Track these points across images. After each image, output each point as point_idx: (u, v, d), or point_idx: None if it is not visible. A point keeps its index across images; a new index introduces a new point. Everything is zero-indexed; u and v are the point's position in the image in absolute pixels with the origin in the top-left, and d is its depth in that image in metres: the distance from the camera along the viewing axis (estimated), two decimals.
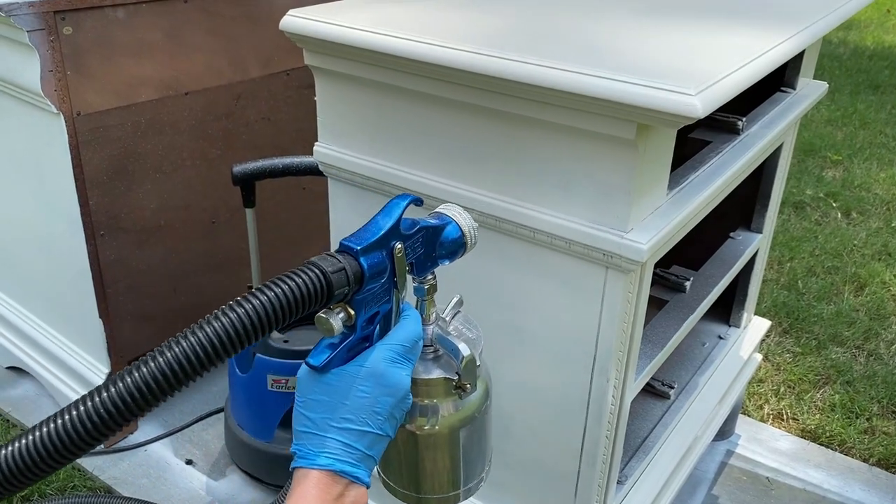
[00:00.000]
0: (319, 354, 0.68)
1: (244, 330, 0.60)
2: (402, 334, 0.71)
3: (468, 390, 0.76)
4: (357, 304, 0.67)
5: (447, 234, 0.75)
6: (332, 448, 0.67)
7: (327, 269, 0.64)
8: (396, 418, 0.70)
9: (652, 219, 1.02)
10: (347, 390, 0.67)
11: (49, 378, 1.98)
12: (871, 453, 1.92)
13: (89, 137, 1.62)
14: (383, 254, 0.68)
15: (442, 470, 0.80)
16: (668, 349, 1.33)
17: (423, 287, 0.76)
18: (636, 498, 1.38)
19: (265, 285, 0.63)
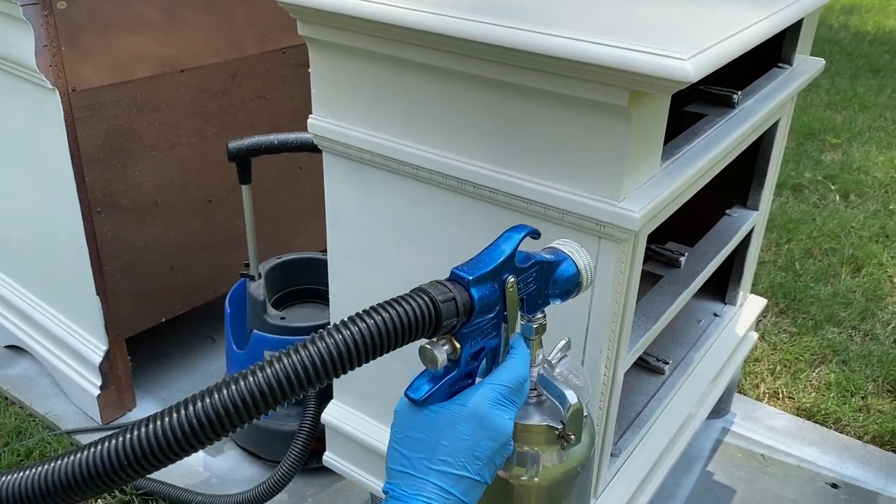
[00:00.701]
0: (420, 387, 0.65)
1: (347, 353, 0.58)
2: (509, 374, 0.67)
3: (572, 441, 0.71)
4: (463, 338, 0.64)
5: (562, 271, 0.72)
6: (428, 491, 0.63)
7: (437, 297, 0.62)
8: (496, 464, 0.66)
9: (645, 188, 1.02)
10: (447, 430, 0.64)
11: (47, 356, 1.99)
12: (865, 431, 1.93)
13: (85, 114, 1.61)
14: (495, 286, 0.65)
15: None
16: (662, 323, 1.33)
17: (531, 326, 0.72)
18: (630, 471, 1.39)
19: (373, 309, 0.61)
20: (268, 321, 1.67)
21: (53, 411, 1.92)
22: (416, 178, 1.16)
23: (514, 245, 0.67)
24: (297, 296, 1.86)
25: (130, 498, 1.68)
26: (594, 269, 0.74)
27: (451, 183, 1.12)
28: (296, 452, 1.59)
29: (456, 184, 1.11)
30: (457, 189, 1.12)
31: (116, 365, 1.87)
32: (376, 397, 1.41)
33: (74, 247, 1.74)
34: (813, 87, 4.18)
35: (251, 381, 0.56)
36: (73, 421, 1.90)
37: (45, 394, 1.99)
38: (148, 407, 1.96)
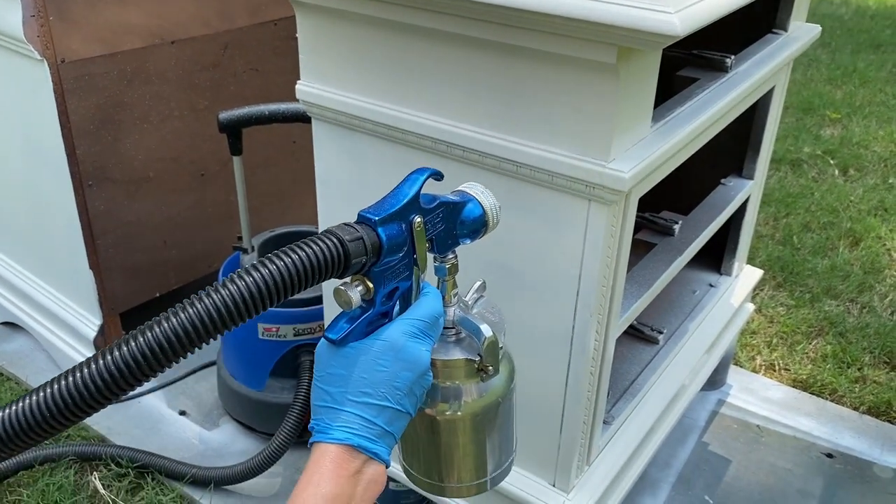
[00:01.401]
0: (337, 328, 0.67)
1: (259, 294, 0.59)
2: (422, 310, 0.70)
3: (490, 373, 0.74)
4: (376, 278, 0.66)
5: (468, 211, 0.74)
6: (350, 422, 0.65)
7: (344, 237, 0.63)
8: (416, 395, 0.68)
9: (635, 150, 1.01)
10: (366, 364, 0.66)
11: (42, 332, 1.99)
12: (861, 401, 1.93)
13: (74, 85, 1.60)
14: (402, 226, 0.67)
15: (465, 457, 0.77)
16: (655, 290, 1.33)
17: (444, 266, 0.74)
18: (623, 439, 1.39)
19: (282, 251, 0.62)
20: None
21: None
22: (405, 144, 1.15)
23: (417, 187, 0.69)
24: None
25: (126, 471, 1.68)
26: (499, 210, 0.76)
27: (440, 147, 1.11)
28: (290, 425, 1.59)
29: (445, 148, 1.10)
30: (446, 154, 1.11)
31: (111, 340, 1.87)
32: None
33: (66, 221, 1.73)
34: (813, 62, 4.15)
35: (166, 326, 0.58)
36: None
37: (41, 369, 1.99)
38: None
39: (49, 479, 1.65)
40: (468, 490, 0.79)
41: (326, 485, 0.63)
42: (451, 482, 0.78)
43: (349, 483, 0.64)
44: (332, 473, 0.64)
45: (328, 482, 0.63)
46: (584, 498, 1.27)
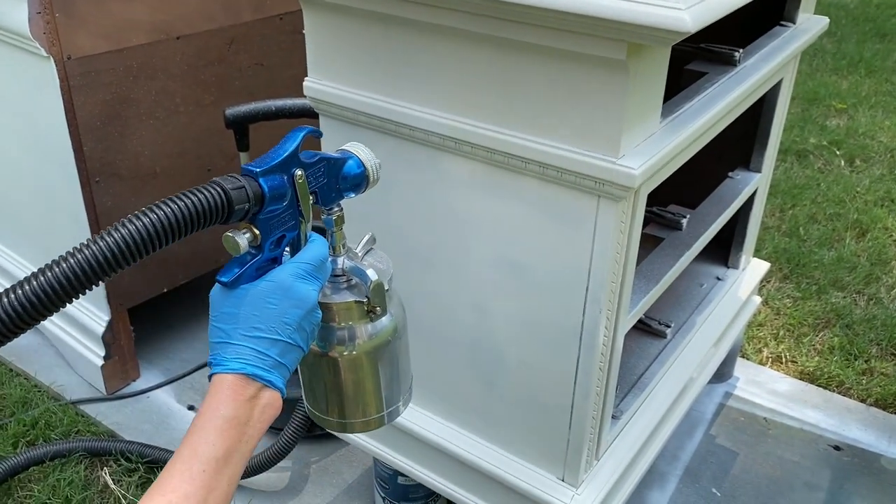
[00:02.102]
0: (229, 272, 0.73)
1: (149, 238, 0.65)
2: (308, 254, 0.76)
3: (379, 313, 0.81)
4: (262, 225, 0.72)
5: (349, 167, 0.81)
6: (244, 354, 0.71)
7: (227, 186, 0.69)
8: (306, 330, 0.75)
9: (644, 146, 1.01)
10: (257, 302, 0.72)
11: (51, 327, 1.99)
12: (868, 394, 1.93)
13: (81, 82, 1.60)
14: (284, 178, 0.73)
15: (363, 393, 0.85)
16: (663, 285, 1.33)
17: (330, 218, 0.81)
18: (632, 433, 1.39)
19: (169, 198, 0.67)
20: None
21: (58, 382, 1.93)
22: (414, 140, 1.15)
23: (296, 142, 0.74)
24: None
25: (136, 466, 1.69)
26: (379, 166, 0.83)
27: (448, 144, 1.11)
28: (298, 419, 1.60)
29: (453, 144, 1.10)
30: (454, 150, 1.11)
31: (119, 335, 1.88)
32: None
33: (74, 217, 1.73)
34: (818, 51, 4.13)
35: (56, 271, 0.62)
36: (77, 391, 1.91)
37: (50, 365, 2.00)
38: (151, 377, 1.97)
39: (59, 474, 1.66)
40: (367, 424, 0.87)
41: (226, 408, 0.69)
42: (351, 417, 0.86)
43: (246, 406, 0.70)
44: (230, 399, 0.69)
45: (227, 406, 0.69)
46: (594, 492, 1.27)
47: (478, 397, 1.30)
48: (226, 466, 0.68)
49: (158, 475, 0.67)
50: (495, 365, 1.24)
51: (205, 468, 0.67)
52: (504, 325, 1.20)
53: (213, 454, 0.67)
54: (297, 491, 1.67)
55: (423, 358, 1.34)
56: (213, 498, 0.67)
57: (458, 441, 1.34)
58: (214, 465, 0.67)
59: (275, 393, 0.72)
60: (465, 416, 1.34)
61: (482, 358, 1.25)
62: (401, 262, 1.28)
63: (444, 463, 1.38)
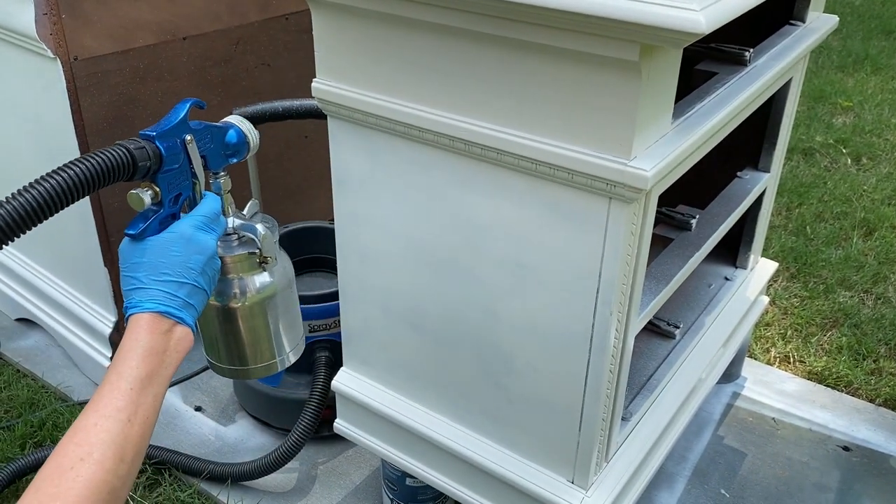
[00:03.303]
0: (135, 226, 0.83)
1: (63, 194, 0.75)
2: (203, 208, 0.88)
3: (270, 262, 0.93)
4: (161, 183, 0.83)
5: (230, 136, 0.94)
6: (157, 296, 0.80)
7: (130, 147, 0.80)
8: (209, 275, 0.85)
9: (656, 147, 1.00)
10: (163, 250, 0.82)
11: (57, 328, 1.99)
12: (877, 394, 1.92)
13: (87, 83, 1.60)
14: (177, 142, 0.85)
15: (259, 339, 0.95)
16: (673, 286, 1.32)
17: (218, 182, 0.93)
18: (641, 435, 1.39)
19: (80, 158, 0.77)
20: None
21: (65, 382, 1.93)
22: (422, 142, 1.14)
23: (184, 111, 0.87)
24: (304, 265, 1.85)
25: (143, 467, 1.69)
26: (257, 135, 0.97)
27: (457, 145, 1.10)
28: (306, 420, 1.60)
29: (462, 146, 1.10)
30: (463, 152, 1.10)
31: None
32: (385, 364, 1.41)
33: (81, 218, 1.73)
34: (824, 49, 4.11)
35: None
36: (84, 392, 1.91)
37: (57, 366, 2.00)
38: None
39: None
40: (266, 369, 0.97)
41: (145, 340, 0.78)
42: (250, 364, 0.96)
43: (162, 339, 0.79)
44: (147, 332, 0.79)
45: (146, 338, 0.79)
46: (603, 494, 1.27)
47: (487, 399, 1.29)
48: (150, 385, 0.77)
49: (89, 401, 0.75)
50: (505, 367, 1.24)
51: (131, 386, 0.76)
52: (513, 327, 1.20)
53: (138, 375, 0.77)
54: (304, 492, 1.67)
55: (432, 359, 1.33)
56: (141, 411, 0.76)
57: (467, 443, 1.34)
58: (139, 385, 0.76)
59: (186, 329, 0.82)
60: (474, 418, 1.34)
61: (492, 360, 1.25)
62: (410, 263, 1.28)
63: (452, 465, 1.37)
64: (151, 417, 0.77)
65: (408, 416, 1.40)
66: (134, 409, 0.75)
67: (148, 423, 0.77)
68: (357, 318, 1.41)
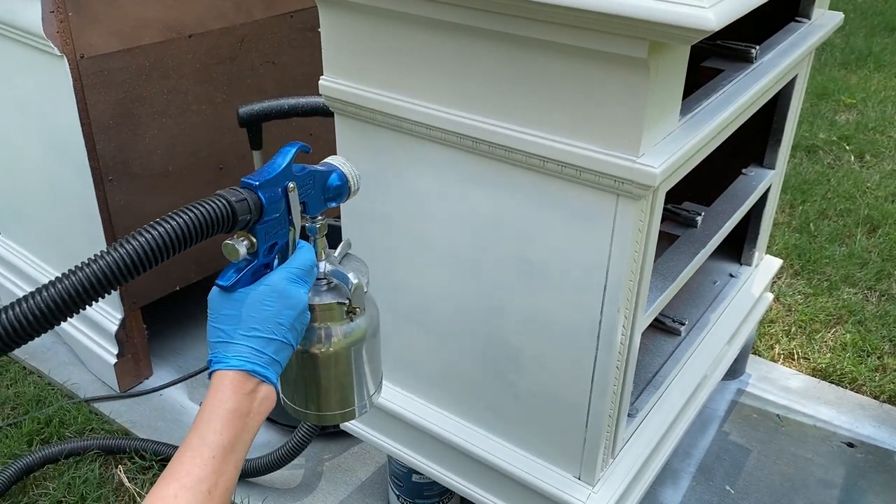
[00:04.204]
0: (227, 276, 0.79)
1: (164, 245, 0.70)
2: (298, 260, 0.83)
3: (358, 313, 0.88)
4: (258, 233, 0.78)
5: (332, 179, 0.88)
6: (243, 352, 0.76)
7: (231, 198, 0.75)
8: (297, 330, 0.81)
9: (664, 144, 1.01)
10: (254, 305, 0.78)
11: (64, 326, 2.00)
12: (881, 390, 1.93)
13: (94, 81, 1.60)
14: (279, 190, 0.80)
15: (338, 387, 0.91)
16: (679, 283, 1.32)
17: (314, 226, 0.87)
18: (647, 431, 1.39)
19: (181, 209, 0.72)
20: None
21: (71, 380, 1.94)
22: (430, 139, 1.15)
23: (288, 157, 0.82)
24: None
25: (150, 464, 1.70)
26: (359, 178, 0.90)
27: (465, 143, 1.11)
28: None
29: (470, 143, 1.10)
30: (471, 149, 1.11)
31: (132, 333, 1.88)
32: (392, 361, 1.41)
33: (87, 215, 1.74)
34: (827, 46, 4.11)
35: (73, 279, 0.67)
36: (91, 389, 1.92)
37: (63, 363, 2.01)
38: (164, 375, 1.98)
39: (74, 472, 1.67)
40: (343, 416, 0.93)
41: (229, 402, 0.74)
42: (326, 410, 0.92)
43: (247, 400, 0.76)
44: (232, 392, 0.75)
45: (230, 399, 0.75)
46: (610, 490, 1.27)
47: (494, 395, 1.30)
48: (232, 453, 0.74)
49: (168, 464, 0.72)
50: (512, 363, 1.24)
51: (214, 454, 0.72)
52: (521, 324, 1.20)
53: (221, 442, 0.73)
54: (311, 489, 1.67)
55: (438, 356, 1.34)
56: (222, 481, 0.73)
57: (474, 439, 1.35)
58: (222, 452, 0.73)
59: (270, 387, 0.78)
60: (480, 415, 1.34)
61: (499, 356, 1.25)
62: (416, 261, 1.28)
63: (459, 461, 1.38)
64: (231, 487, 0.74)
65: (414, 412, 1.40)
66: (215, 480, 0.72)
67: (227, 494, 0.74)
68: None
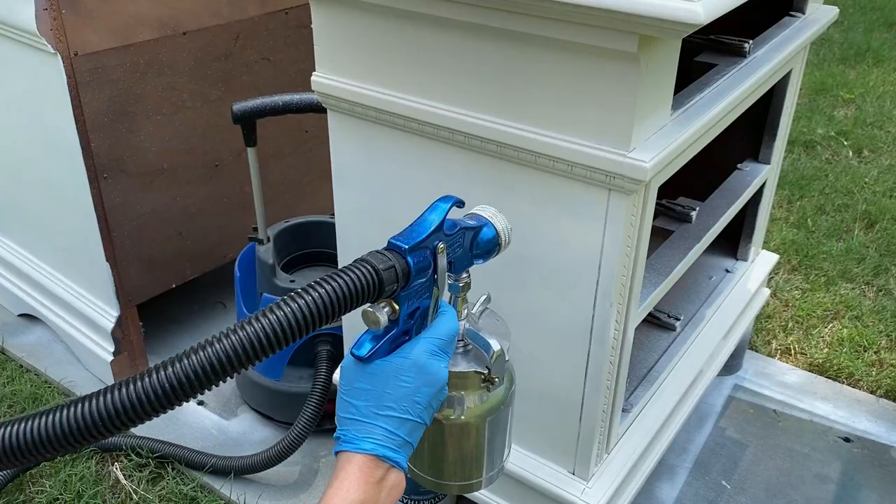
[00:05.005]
0: (364, 346, 0.72)
1: (302, 321, 0.63)
2: (442, 329, 0.75)
3: (496, 384, 0.79)
4: (401, 300, 0.71)
5: (483, 234, 0.80)
6: (375, 433, 0.70)
7: (379, 266, 0.68)
8: (433, 408, 0.74)
9: (655, 138, 1.01)
10: (391, 380, 0.71)
11: (60, 324, 2.00)
12: (878, 385, 1.92)
13: (88, 78, 1.60)
14: (427, 253, 0.72)
15: (465, 458, 0.83)
16: (673, 277, 1.32)
17: (457, 285, 0.80)
18: (642, 426, 1.39)
19: (323, 279, 0.66)
20: (277, 284, 1.67)
21: (68, 378, 1.94)
22: (422, 135, 1.15)
23: (442, 215, 0.74)
24: (305, 259, 1.86)
25: (146, 461, 1.70)
26: (511, 231, 0.82)
27: (456, 138, 1.11)
28: (308, 414, 1.60)
29: (462, 139, 1.10)
30: (463, 144, 1.11)
31: (129, 331, 1.88)
32: None
33: (82, 213, 1.74)
34: (825, 41, 4.10)
35: (208, 352, 0.61)
36: (87, 387, 1.92)
37: (60, 361, 2.01)
38: None
39: (71, 469, 1.67)
40: (465, 487, 0.86)
41: (355, 491, 0.68)
42: (449, 479, 0.84)
43: (375, 490, 0.69)
44: (359, 481, 0.69)
45: (356, 489, 0.68)
46: (604, 485, 1.27)
47: None
48: None
49: None
50: None
51: None
52: (514, 319, 1.20)
53: None
54: (307, 485, 1.67)
55: None
56: None
57: None
58: None
59: (400, 474, 0.72)
60: None
61: None
62: None
63: None
64: None
65: None
66: None
67: None
68: None
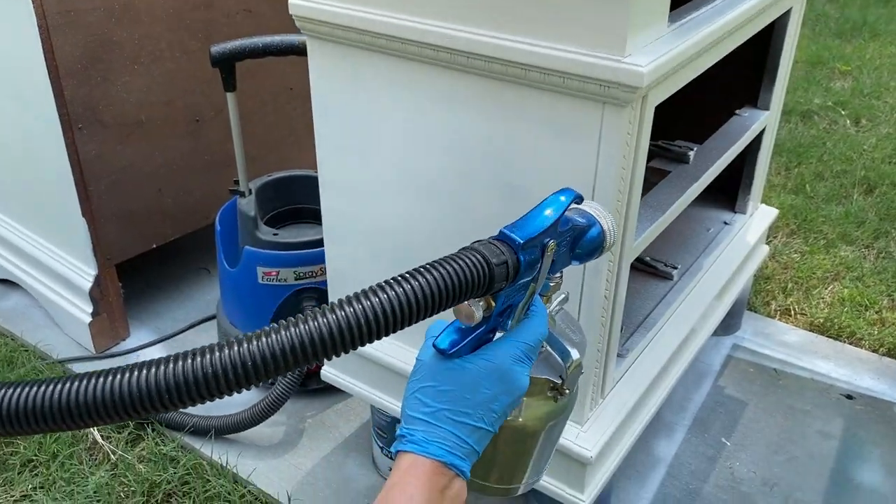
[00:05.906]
0: (449, 340, 0.66)
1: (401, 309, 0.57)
2: (532, 334, 0.69)
3: (566, 395, 0.74)
4: (499, 297, 0.65)
5: (590, 234, 0.74)
6: (446, 439, 0.65)
7: (491, 259, 0.62)
8: (506, 416, 0.69)
9: (652, 46, 0.95)
10: (470, 384, 0.66)
11: (37, 286, 1.94)
12: (880, 343, 1.87)
13: (59, 21, 1.53)
14: (537, 250, 0.66)
15: (512, 462, 0.79)
16: (670, 216, 1.27)
17: (549, 284, 0.75)
18: (637, 373, 1.33)
19: (430, 265, 0.60)
20: (259, 237, 1.60)
21: (45, 341, 1.88)
22: (405, 56, 1.09)
23: (561, 211, 0.68)
24: (288, 215, 1.80)
25: (125, 423, 1.63)
26: (615, 232, 0.77)
27: (441, 56, 1.04)
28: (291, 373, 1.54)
29: (447, 56, 1.04)
30: (448, 63, 1.05)
31: (107, 291, 1.82)
32: None
33: (57, 166, 1.67)
34: (821, 17, 4.06)
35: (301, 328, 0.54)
36: (65, 350, 1.86)
37: (37, 325, 1.94)
38: (142, 336, 1.91)
39: None
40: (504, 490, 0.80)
41: (419, 498, 0.64)
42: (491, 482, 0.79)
43: (438, 498, 0.65)
44: (424, 487, 0.64)
45: (420, 496, 0.64)
46: (599, 431, 1.22)
47: None
48: None
49: None
50: None
51: None
52: None
53: None
54: (292, 444, 1.61)
55: None
56: None
57: None
58: None
59: (464, 484, 0.68)
60: None
61: None
62: (397, 193, 1.22)
63: None
64: None
65: (396, 357, 1.34)
66: None
67: None
68: (343, 259, 1.36)
